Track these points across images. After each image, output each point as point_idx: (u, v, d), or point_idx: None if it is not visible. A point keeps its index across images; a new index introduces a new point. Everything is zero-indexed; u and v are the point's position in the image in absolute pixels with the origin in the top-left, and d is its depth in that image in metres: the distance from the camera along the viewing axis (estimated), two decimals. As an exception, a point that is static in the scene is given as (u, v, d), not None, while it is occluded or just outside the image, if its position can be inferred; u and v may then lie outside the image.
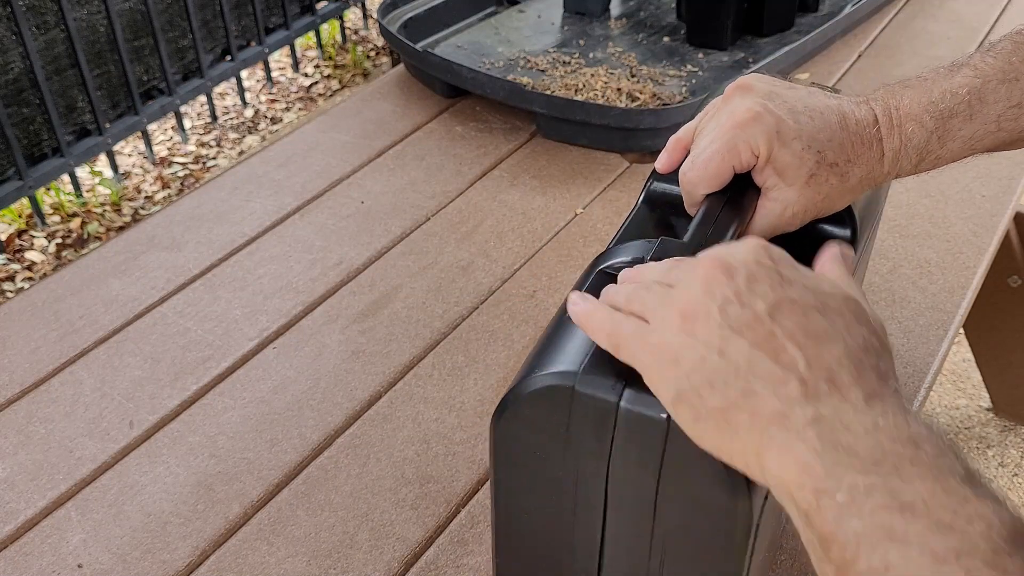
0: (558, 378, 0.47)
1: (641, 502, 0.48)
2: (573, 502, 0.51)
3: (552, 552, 0.54)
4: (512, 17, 1.49)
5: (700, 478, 0.45)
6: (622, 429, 0.46)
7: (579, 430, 0.48)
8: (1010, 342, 1.59)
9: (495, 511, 0.55)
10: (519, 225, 1.07)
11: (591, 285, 0.53)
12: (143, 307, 0.96)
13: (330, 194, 1.13)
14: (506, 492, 0.54)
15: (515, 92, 1.20)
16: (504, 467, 0.52)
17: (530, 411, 0.49)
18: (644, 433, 0.46)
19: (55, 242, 2.31)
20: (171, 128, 2.76)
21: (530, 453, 0.50)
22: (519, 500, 0.54)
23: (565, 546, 0.53)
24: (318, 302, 0.96)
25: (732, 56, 1.37)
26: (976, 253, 1.00)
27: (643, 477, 0.47)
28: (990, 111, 0.55)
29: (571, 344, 0.49)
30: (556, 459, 0.49)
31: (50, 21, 2.11)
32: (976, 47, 1.39)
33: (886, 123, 0.55)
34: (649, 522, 0.49)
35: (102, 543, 0.73)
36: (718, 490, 0.45)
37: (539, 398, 0.48)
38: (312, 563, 0.71)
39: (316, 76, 3.11)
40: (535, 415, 0.49)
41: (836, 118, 0.55)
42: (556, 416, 0.48)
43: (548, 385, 0.48)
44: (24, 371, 0.88)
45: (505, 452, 0.51)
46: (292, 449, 0.80)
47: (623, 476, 0.48)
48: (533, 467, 0.51)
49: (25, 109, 2.11)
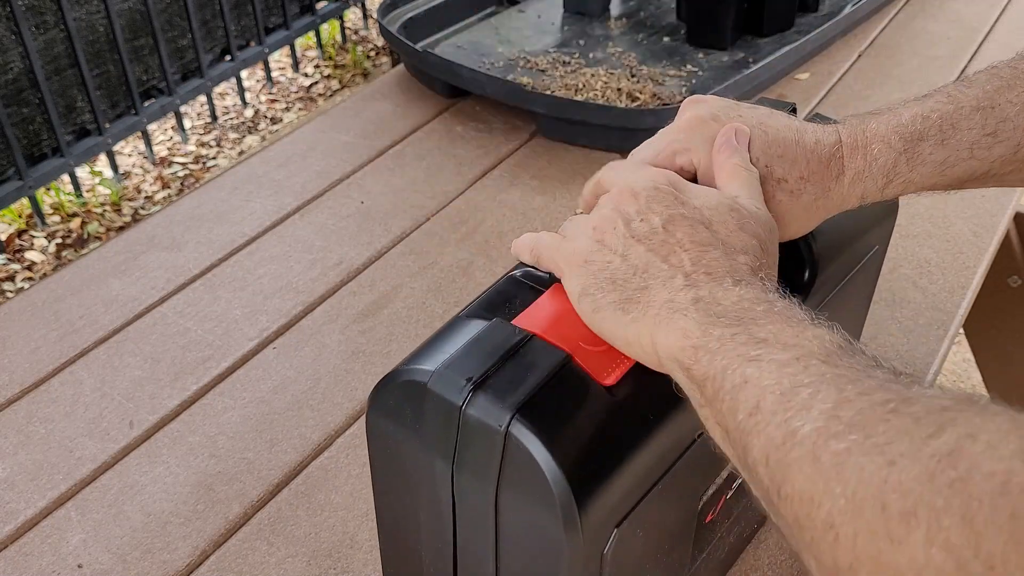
0: (416, 373, 0.46)
1: (483, 511, 0.47)
2: (428, 502, 0.49)
3: (417, 549, 0.53)
4: (512, 17, 1.49)
5: (535, 500, 0.43)
6: (465, 433, 0.45)
7: (430, 429, 0.46)
8: (1010, 342, 1.59)
9: (375, 503, 0.54)
10: (519, 225, 1.07)
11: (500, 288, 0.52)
12: (143, 307, 0.96)
13: (330, 194, 1.13)
14: (381, 485, 0.53)
15: (515, 92, 1.20)
16: (377, 459, 0.51)
17: (393, 403, 0.48)
18: (484, 441, 0.44)
19: (55, 242, 2.31)
20: (171, 128, 2.76)
21: (395, 447, 0.49)
22: (390, 495, 0.53)
23: (424, 545, 0.52)
24: (318, 302, 0.96)
25: (732, 56, 1.37)
26: (976, 253, 1.00)
27: (484, 485, 0.46)
28: (963, 137, 0.54)
29: (449, 343, 0.48)
30: (413, 456, 0.48)
31: (49, 21, 2.11)
32: (976, 47, 1.39)
33: (849, 143, 0.54)
34: (491, 533, 0.47)
35: (102, 543, 0.73)
36: (550, 515, 0.43)
37: (399, 391, 0.47)
38: (312, 563, 0.71)
39: (316, 76, 3.11)
40: (397, 408, 0.48)
41: (792, 135, 0.55)
42: (412, 411, 0.47)
43: (407, 380, 0.47)
44: (24, 371, 0.88)
45: (376, 444, 0.51)
46: (292, 449, 0.80)
47: (467, 482, 0.46)
48: (397, 463, 0.50)
49: (25, 109, 2.11)
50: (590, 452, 0.44)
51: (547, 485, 0.42)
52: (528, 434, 0.42)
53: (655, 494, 0.48)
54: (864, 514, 0.32)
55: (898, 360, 0.86)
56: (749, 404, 0.38)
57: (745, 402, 0.38)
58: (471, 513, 0.48)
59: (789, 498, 0.35)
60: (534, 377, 0.44)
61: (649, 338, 0.44)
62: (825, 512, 0.33)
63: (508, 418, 0.43)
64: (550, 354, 0.46)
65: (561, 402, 0.44)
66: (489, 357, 0.45)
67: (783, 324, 0.41)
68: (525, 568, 0.47)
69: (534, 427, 0.43)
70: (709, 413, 0.41)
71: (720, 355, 0.40)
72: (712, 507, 0.57)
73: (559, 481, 0.42)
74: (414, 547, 0.53)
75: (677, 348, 0.43)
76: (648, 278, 0.46)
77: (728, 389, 0.39)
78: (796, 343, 0.39)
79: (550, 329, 0.47)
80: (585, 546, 0.44)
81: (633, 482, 0.46)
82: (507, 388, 0.44)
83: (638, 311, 0.45)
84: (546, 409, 0.44)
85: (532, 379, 0.44)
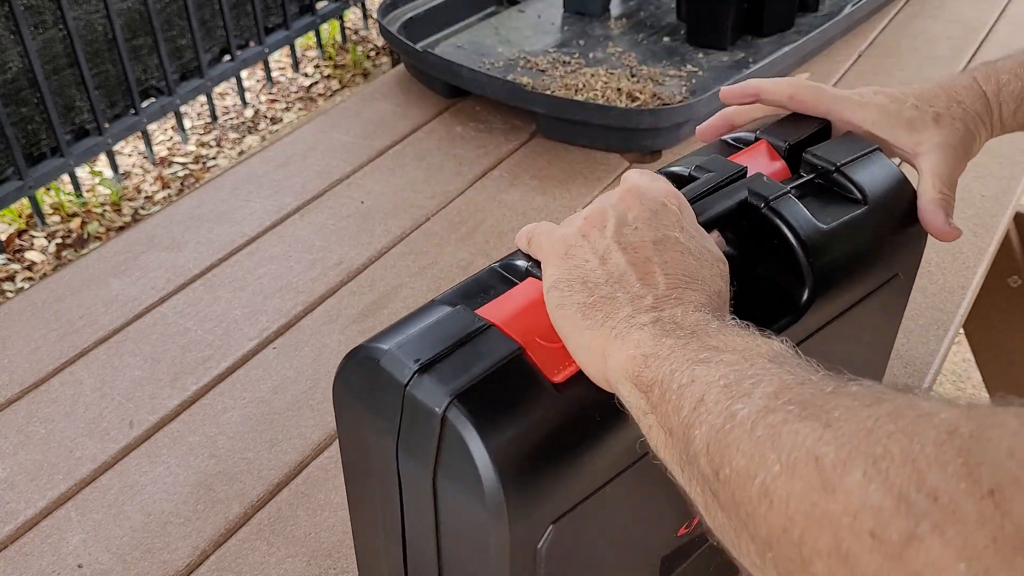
0: (374, 350, 0.47)
1: (424, 493, 0.47)
2: (380, 479, 0.50)
3: (375, 525, 0.54)
4: (512, 17, 1.49)
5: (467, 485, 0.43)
6: (408, 413, 0.45)
7: (380, 406, 0.47)
8: (1010, 342, 1.58)
9: (344, 475, 0.55)
10: (519, 225, 1.07)
11: (478, 277, 0.53)
12: (143, 307, 0.96)
13: (330, 194, 1.13)
14: (345, 457, 0.53)
15: (515, 92, 1.20)
16: (341, 432, 0.52)
17: (353, 378, 0.49)
18: (424, 423, 0.45)
19: (55, 242, 2.31)
20: (171, 128, 2.76)
21: (353, 421, 0.50)
22: (352, 468, 0.53)
23: (380, 522, 0.53)
24: (318, 302, 0.96)
25: (732, 56, 1.37)
26: (976, 253, 1.00)
27: (424, 468, 0.46)
28: None
29: (412, 325, 0.48)
30: (366, 431, 0.49)
31: (48, 20, 2.11)
32: (976, 47, 1.39)
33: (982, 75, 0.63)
34: (431, 516, 0.48)
35: (102, 543, 0.73)
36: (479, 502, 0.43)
37: (358, 366, 0.48)
38: (312, 563, 0.71)
39: (316, 76, 3.11)
40: (356, 382, 0.48)
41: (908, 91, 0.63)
42: (368, 387, 0.48)
43: (365, 356, 0.47)
44: (24, 371, 0.88)
45: (340, 417, 0.51)
46: (292, 449, 0.80)
47: (409, 462, 0.47)
48: (356, 436, 0.51)
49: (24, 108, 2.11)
50: (525, 444, 0.44)
51: (476, 471, 0.43)
52: (463, 420, 0.43)
53: (602, 496, 0.47)
54: (798, 472, 0.31)
55: (898, 360, 0.86)
56: (694, 398, 0.38)
57: (691, 397, 0.38)
58: (414, 494, 0.48)
59: (727, 479, 0.35)
60: (480, 365, 0.45)
61: (600, 349, 0.44)
62: (759, 482, 0.33)
63: (446, 402, 0.43)
64: (502, 345, 0.46)
65: (503, 392, 0.44)
66: (442, 342, 0.46)
67: (734, 335, 0.41)
68: (463, 553, 0.48)
69: (471, 414, 0.43)
70: (653, 419, 0.41)
71: (669, 360, 0.41)
72: (687, 520, 0.57)
73: (488, 468, 0.42)
74: (372, 522, 0.54)
75: (627, 358, 0.42)
76: (618, 289, 0.45)
77: (675, 389, 0.39)
78: (745, 347, 0.40)
79: (510, 321, 0.47)
80: (514, 537, 0.44)
81: (573, 480, 0.46)
82: (451, 373, 0.44)
83: (597, 320, 0.45)
84: (486, 397, 0.44)
85: (478, 367, 0.45)
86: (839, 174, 0.58)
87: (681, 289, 0.45)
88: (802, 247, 0.54)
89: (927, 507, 0.27)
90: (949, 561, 0.26)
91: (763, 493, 0.33)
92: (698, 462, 0.37)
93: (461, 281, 0.52)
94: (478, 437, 0.42)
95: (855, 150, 0.59)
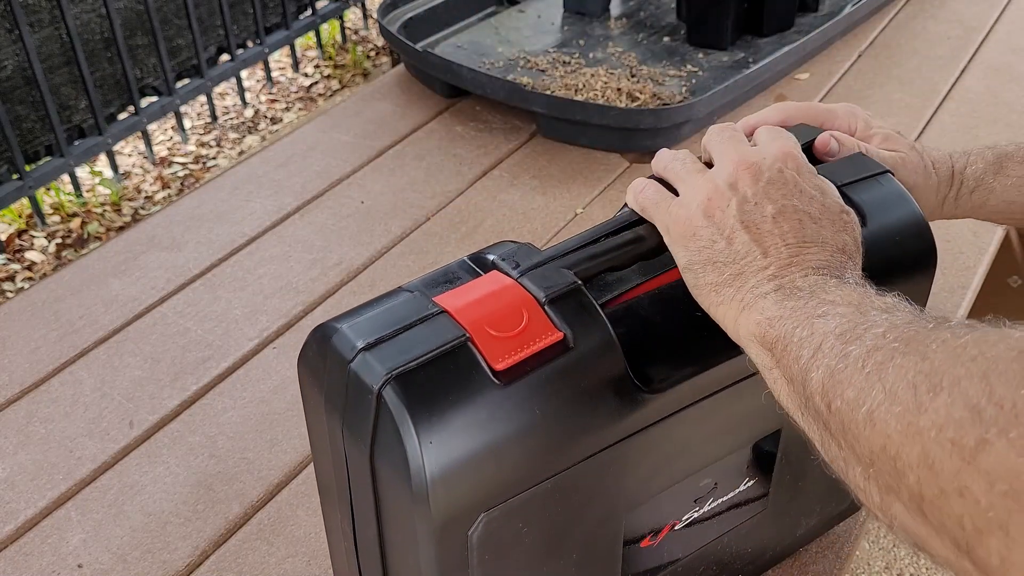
0: (330, 329, 0.48)
1: (363, 470, 0.47)
2: (332, 454, 0.51)
3: (333, 500, 0.54)
4: (512, 17, 1.49)
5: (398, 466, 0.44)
6: (350, 391, 0.46)
7: (330, 382, 0.48)
8: (1010, 342, 1.58)
9: (311, 448, 0.55)
10: (519, 225, 1.07)
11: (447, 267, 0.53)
12: (143, 307, 0.96)
13: (330, 194, 1.13)
14: (311, 439, 0.54)
15: (515, 92, 1.20)
16: (306, 407, 0.53)
17: (311, 354, 0.49)
18: (363, 400, 0.45)
19: (55, 242, 2.31)
20: (171, 128, 2.76)
21: (311, 395, 0.51)
22: (315, 450, 0.54)
23: (336, 502, 0.53)
24: (318, 302, 0.96)
25: (732, 56, 1.37)
26: (976, 253, 1.00)
27: (362, 445, 0.46)
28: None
29: (373, 308, 0.49)
30: (320, 405, 0.50)
31: (45, 19, 2.11)
32: (976, 47, 1.39)
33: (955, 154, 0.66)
34: (371, 494, 0.48)
35: (102, 543, 0.73)
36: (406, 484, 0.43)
37: (315, 343, 0.49)
38: (312, 563, 0.71)
39: (316, 76, 3.11)
40: (314, 358, 0.49)
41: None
42: (322, 363, 0.48)
43: (322, 334, 0.48)
44: (24, 371, 0.88)
45: (303, 392, 0.52)
46: (292, 449, 0.80)
47: (352, 439, 0.47)
48: (314, 411, 0.51)
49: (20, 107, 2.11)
50: (456, 429, 0.44)
51: (404, 451, 0.43)
52: (396, 400, 0.43)
53: (542, 491, 0.47)
54: (898, 398, 0.36)
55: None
56: (812, 347, 0.42)
57: (809, 347, 0.42)
58: (356, 473, 0.49)
59: (838, 410, 0.39)
60: (422, 348, 0.45)
61: (733, 320, 0.48)
62: (865, 409, 0.37)
63: (382, 381, 0.44)
64: (449, 331, 0.46)
65: (441, 376, 0.45)
66: (391, 324, 0.47)
67: (850, 291, 0.45)
68: (398, 535, 0.48)
69: (404, 394, 0.43)
70: (778, 373, 0.45)
71: (791, 319, 0.45)
72: (651, 532, 0.57)
73: (414, 449, 0.43)
74: (331, 501, 0.54)
75: (755, 324, 0.46)
76: (745, 265, 0.49)
77: (795, 342, 0.43)
78: (859, 301, 0.43)
79: (463, 309, 0.47)
80: (439, 522, 0.44)
81: (506, 470, 0.46)
82: (392, 354, 0.45)
83: (728, 295, 0.49)
84: (422, 380, 0.44)
85: (419, 350, 0.45)
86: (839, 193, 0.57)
87: (802, 255, 0.48)
88: None
89: (995, 414, 0.31)
90: (1013, 459, 0.30)
91: (868, 419, 0.37)
92: (814, 401, 0.41)
93: (431, 271, 0.53)
94: (408, 417, 0.43)
95: (862, 171, 0.58)
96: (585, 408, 0.47)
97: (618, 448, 0.49)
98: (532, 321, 0.47)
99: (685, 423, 0.52)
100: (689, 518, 0.58)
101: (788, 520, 0.66)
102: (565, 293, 0.48)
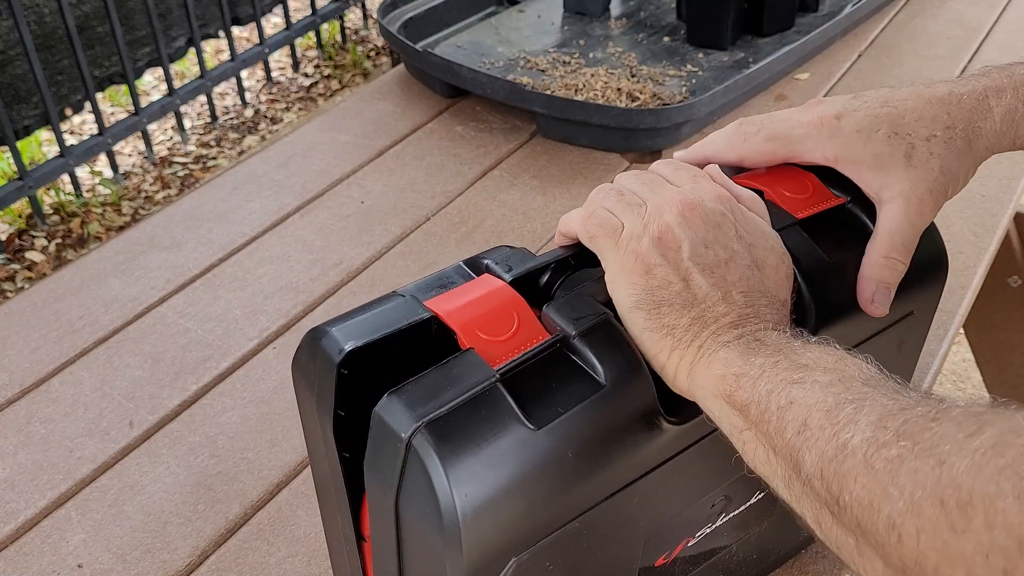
0: (320, 332, 0.47)
1: (388, 514, 0.46)
2: (324, 452, 0.50)
3: (328, 496, 0.54)
4: (512, 17, 1.49)
5: (428, 513, 0.42)
6: (338, 393, 0.46)
7: (319, 384, 0.48)
8: (1010, 342, 1.59)
9: (307, 444, 0.55)
10: (519, 225, 1.07)
11: (442, 272, 0.53)
12: (143, 307, 0.96)
13: (330, 194, 1.13)
14: (307, 440, 0.54)
15: (515, 92, 1.20)
16: (300, 411, 0.53)
17: (303, 356, 0.49)
18: (387, 444, 0.44)
19: (55, 242, 2.31)
20: (171, 128, 2.76)
21: (303, 397, 0.51)
22: (311, 452, 0.54)
23: (337, 506, 0.53)
24: (318, 302, 0.96)
25: (732, 56, 1.37)
26: (976, 253, 1.00)
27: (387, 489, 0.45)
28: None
29: (366, 311, 0.48)
30: (312, 407, 0.50)
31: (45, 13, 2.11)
32: (976, 47, 1.39)
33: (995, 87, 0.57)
34: (394, 536, 0.47)
35: (102, 543, 0.73)
36: (435, 532, 0.42)
37: (307, 345, 0.49)
38: (312, 563, 0.71)
39: (316, 76, 3.11)
40: (305, 360, 0.49)
41: (921, 95, 0.57)
42: (311, 365, 0.48)
43: (312, 337, 0.48)
44: (24, 371, 0.88)
45: (297, 393, 0.52)
46: (292, 449, 0.80)
47: (374, 480, 0.46)
48: (307, 413, 0.51)
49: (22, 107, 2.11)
50: (488, 476, 0.42)
51: (437, 502, 0.41)
52: (427, 448, 0.42)
53: (570, 532, 0.46)
54: (924, 512, 0.34)
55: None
56: (797, 422, 0.40)
57: (793, 421, 0.40)
58: (378, 510, 0.48)
59: (849, 506, 0.37)
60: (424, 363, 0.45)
61: (687, 367, 0.46)
62: (885, 515, 0.35)
63: (412, 429, 0.42)
64: (478, 371, 0.45)
65: (472, 423, 0.43)
66: (379, 329, 0.47)
67: (821, 352, 0.43)
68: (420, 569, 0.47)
69: (435, 443, 0.42)
70: (752, 435, 0.43)
71: (763, 380, 0.42)
72: (665, 551, 0.56)
73: (447, 498, 0.41)
74: (327, 496, 0.55)
75: (717, 378, 0.44)
76: (704, 311, 0.46)
77: (774, 410, 0.41)
78: (836, 367, 0.41)
79: (453, 313, 0.48)
80: (470, 572, 0.43)
81: (537, 513, 0.44)
82: (379, 356, 0.45)
83: (684, 341, 0.46)
84: (453, 426, 0.43)
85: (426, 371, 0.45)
86: (853, 205, 0.57)
87: (756, 306, 0.47)
88: (804, 279, 0.53)
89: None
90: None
91: (890, 526, 0.35)
92: (812, 485, 0.39)
93: (427, 275, 0.53)
94: (440, 466, 0.41)
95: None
96: (616, 445, 0.46)
97: (644, 480, 0.49)
98: (523, 323, 0.47)
99: (707, 447, 0.52)
100: (702, 534, 0.58)
101: (792, 525, 0.66)
102: (594, 326, 0.47)
